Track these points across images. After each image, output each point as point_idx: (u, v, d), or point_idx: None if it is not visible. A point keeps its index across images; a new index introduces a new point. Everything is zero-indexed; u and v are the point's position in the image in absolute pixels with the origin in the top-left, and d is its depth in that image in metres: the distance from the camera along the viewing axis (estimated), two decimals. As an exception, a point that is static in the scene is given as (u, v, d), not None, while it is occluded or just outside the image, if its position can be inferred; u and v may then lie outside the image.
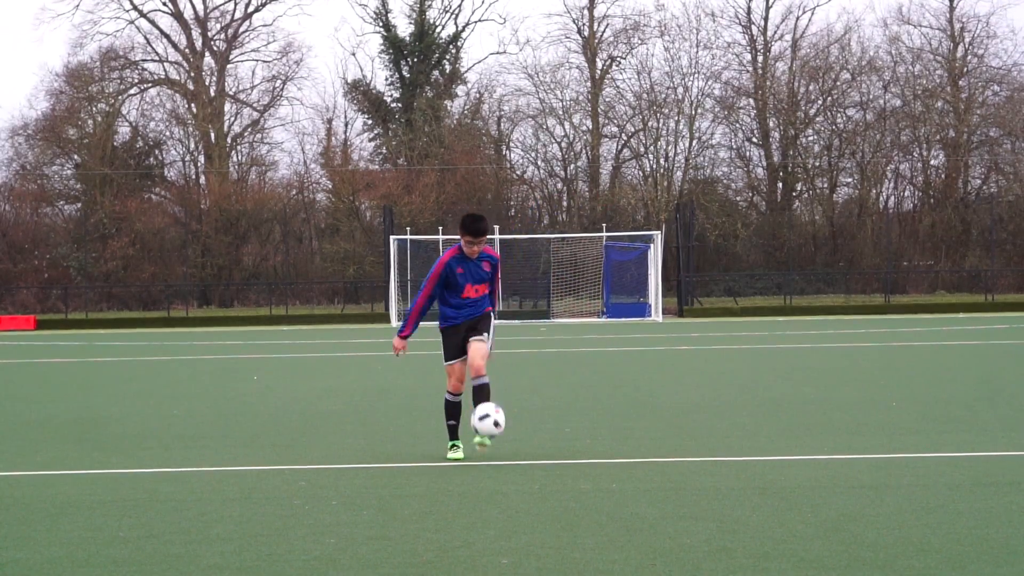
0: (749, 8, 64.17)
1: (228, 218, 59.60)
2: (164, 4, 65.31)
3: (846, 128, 62.80)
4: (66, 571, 6.16)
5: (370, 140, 67.74)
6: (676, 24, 64.72)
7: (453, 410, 9.69)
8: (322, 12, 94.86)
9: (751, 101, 64.02)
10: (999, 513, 7.21)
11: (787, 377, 17.32)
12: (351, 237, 59.09)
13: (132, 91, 65.15)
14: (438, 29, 66.42)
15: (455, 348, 9.74)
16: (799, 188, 64.64)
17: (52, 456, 10.23)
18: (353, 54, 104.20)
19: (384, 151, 66.78)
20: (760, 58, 64.16)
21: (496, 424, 9.21)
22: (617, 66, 64.21)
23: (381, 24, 66.42)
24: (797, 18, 66.19)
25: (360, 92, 66.31)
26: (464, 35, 67.09)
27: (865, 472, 8.71)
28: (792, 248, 57.76)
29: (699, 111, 62.92)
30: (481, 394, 9.44)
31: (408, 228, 50.85)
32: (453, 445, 9.63)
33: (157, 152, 65.84)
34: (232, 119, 66.46)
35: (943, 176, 62.58)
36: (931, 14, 66.98)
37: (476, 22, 73.28)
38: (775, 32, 64.22)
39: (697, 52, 63.21)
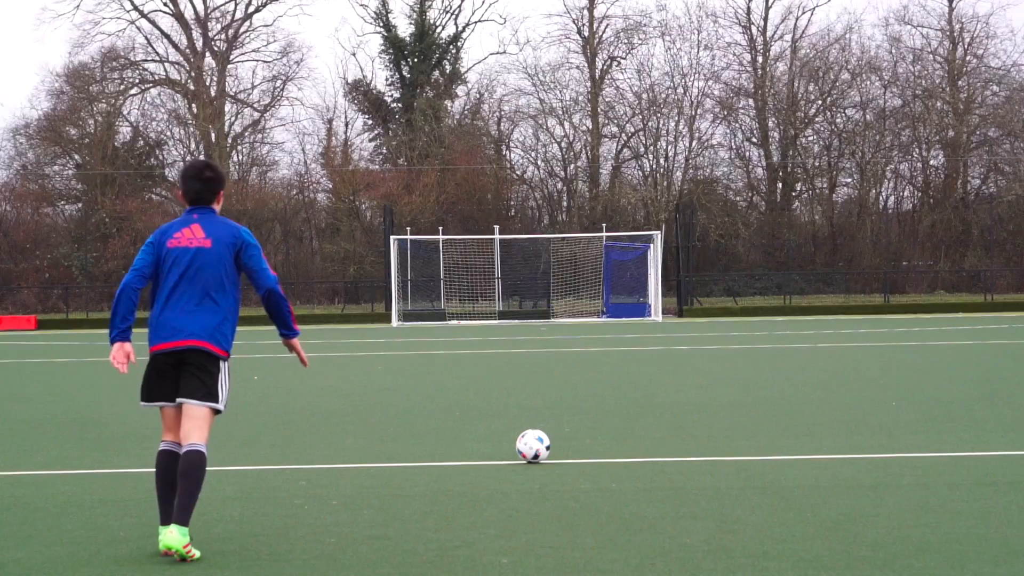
0: (749, 8, 64.27)
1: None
2: (165, 4, 65.40)
3: (846, 128, 62.84)
4: (67, 570, 6.17)
5: (370, 140, 67.86)
6: (677, 24, 64.87)
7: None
8: (322, 12, 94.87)
9: (751, 101, 64.04)
10: (999, 513, 7.22)
11: (787, 377, 17.32)
12: (351, 237, 59.10)
13: (133, 91, 65.20)
14: (438, 29, 66.47)
15: None
16: (799, 188, 64.68)
17: (53, 456, 10.24)
18: (353, 54, 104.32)
19: (384, 151, 66.82)
20: (760, 58, 64.20)
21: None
22: (617, 66, 64.28)
23: (381, 24, 66.48)
24: (797, 18, 66.52)
25: (360, 92, 66.34)
26: (464, 35, 67.23)
27: (865, 472, 8.72)
28: (792, 248, 57.75)
29: (699, 111, 63.00)
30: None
31: (408, 228, 50.87)
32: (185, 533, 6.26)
33: (158, 152, 65.89)
34: (233, 119, 66.54)
35: (943, 176, 62.60)
36: (930, 14, 67.20)
37: (476, 22, 73.46)
38: (775, 32, 64.33)
39: (697, 52, 63.32)
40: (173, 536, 6.13)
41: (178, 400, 6.38)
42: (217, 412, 6.48)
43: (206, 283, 6.41)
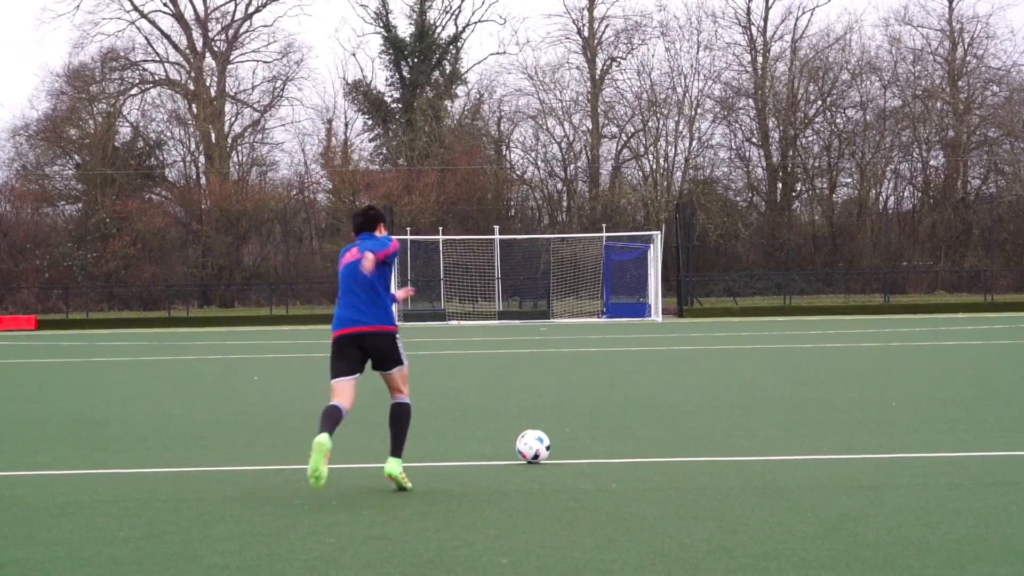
0: (749, 8, 64.27)
1: (229, 218, 59.62)
2: (165, 5, 65.42)
3: (845, 128, 62.83)
4: (67, 570, 6.17)
5: (370, 140, 67.86)
6: (676, 25, 64.85)
7: None
8: (322, 12, 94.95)
9: (751, 101, 64.04)
10: (999, 513, 7.22)
11: (787, 377, 17.32)
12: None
13: (133, 91, 65.22)
14: (438, 30, 66.48)
15: None
16: (799, 188, 64.67)
17: (53, 456, 10.24)
18: (353, 54, 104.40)
19: (384, 151, 66.82)
20: (760, 59, 64.20)
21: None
22: (617, 66, 64.27)
23: (381, 25, 66.48)
24: (796, 19, 66.49)
25: (360, 92, 66.35)
26: (464, 36, 67.26)
27: (865, 472, 8.72)
28: (792, 248, 57.75)
29: (699, 111, 62.98)
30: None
31: (408, 228, 50.85)
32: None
33: (158, 152, 65.88)
34: (233, 119, 66.55)
35: (943, 176, 62.59)
36: (930, 15, 67.19)
37: (476, 23, 73.43)
38: (775, 32, 64.33)
39: (697, 52, 63.32)
40: (392, 465, 8.27)
41: (380, 373, 8.61)
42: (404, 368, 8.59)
43: (369, 285, 8.48)
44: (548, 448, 9.26)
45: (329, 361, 8.49)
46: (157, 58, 65.64)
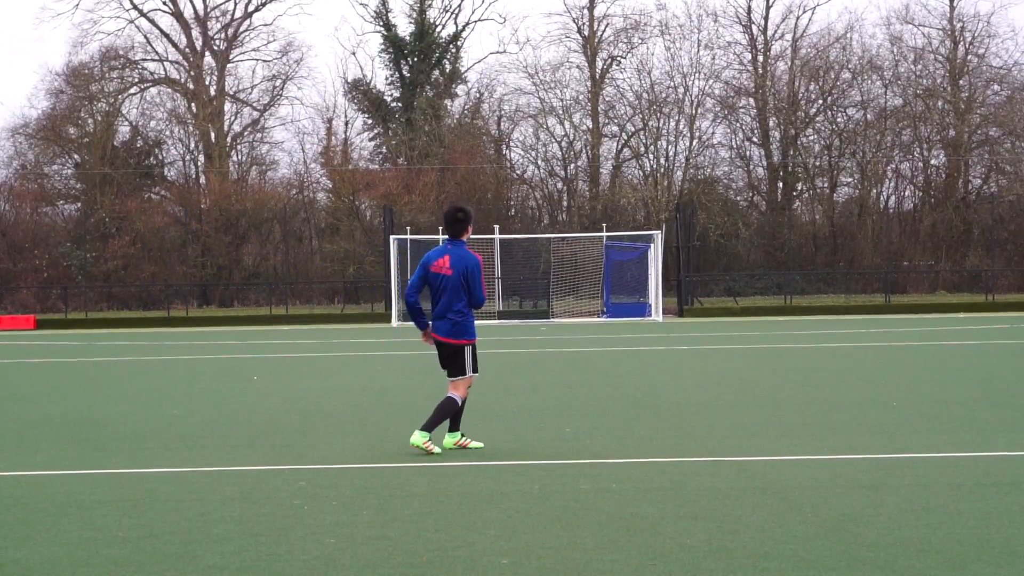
0: (749, 7, 64.24)
1: (228, 218, 59.60)
2: (164, 3, 65.39)
3: (846, 128, 62.80)
4: (66, 571, 6.16)
5: (370, 140, 67.84)
6: (677, 24, 64.84)
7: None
8: (322, 11, 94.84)
9: (751, 101, 64.02)
10: (1000, 513, 7.21)
11: (787, 377, 17.31)
12: (351, 237, 59.09)
13: (132, 90, 65.18)
14: (438, 29, 66.48)
15: None
16: (799, 188, 64.64)
17: (52, 456, 10.23)
18: (353, 53, 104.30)
19: (384, 151, 66.80)
20: (760, 58, 64.19)
21: None
22: (617, 65, 64.26)
23: (381, 24, 66.47)
24: (797, 18, 66.32)
25: (360, 91, 66.34)
26: (464, 35, 67.22)
27: (865, 472, 8.71)
28: (792, 248, 57.73)
29: (699, 111, 62.96)
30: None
31: (408, 228, 50.83)
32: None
33: (157, 151, 65.86)
34: (232, 118, 66.54)
35: (943, 176, 62.56)
36: (932, 13, 67.13)
37: (476, 22, 73.56)
38: (775, 32, 64.32)
39: (698, 52, 63.30)
40: (415, 435, 9.84)
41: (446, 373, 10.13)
42: (471, 376, 10.10)
43: (452, 298, 9.90)
44: None
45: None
46: (156, 57, 65.67)
